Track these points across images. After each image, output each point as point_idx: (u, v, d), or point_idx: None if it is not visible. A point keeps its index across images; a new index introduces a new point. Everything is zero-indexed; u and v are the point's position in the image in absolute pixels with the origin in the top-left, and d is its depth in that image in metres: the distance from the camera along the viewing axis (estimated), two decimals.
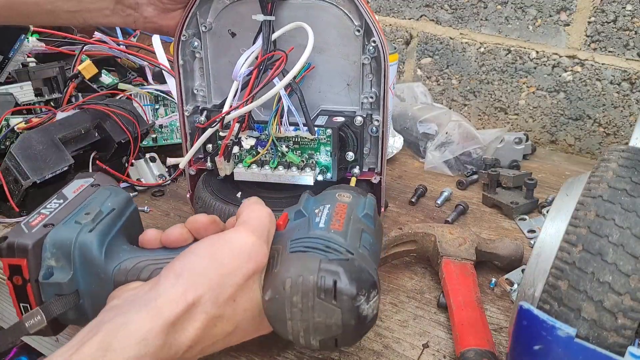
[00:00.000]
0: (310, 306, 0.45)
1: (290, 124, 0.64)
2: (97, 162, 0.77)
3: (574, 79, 1.02)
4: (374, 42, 0.64)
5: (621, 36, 0.96)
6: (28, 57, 0.89)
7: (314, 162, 0.67)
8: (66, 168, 0.73)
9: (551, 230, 0.44)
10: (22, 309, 0.48)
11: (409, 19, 1.16)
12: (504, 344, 0.57)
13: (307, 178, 0.65)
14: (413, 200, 0.84)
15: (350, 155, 0.68)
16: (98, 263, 0.47)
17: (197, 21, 0.66)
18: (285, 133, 0.64)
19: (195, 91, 0.71)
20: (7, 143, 0.72)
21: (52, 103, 0.83)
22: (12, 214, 0.72)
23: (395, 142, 0.98)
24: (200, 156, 0.72)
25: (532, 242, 0.74)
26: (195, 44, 0.68)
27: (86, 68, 0.85)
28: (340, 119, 0.66)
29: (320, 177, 0.67)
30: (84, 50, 0.91)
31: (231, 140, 0.64)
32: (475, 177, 0.91)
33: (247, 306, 0.45)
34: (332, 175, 0.67)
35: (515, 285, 0.64)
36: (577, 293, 0.38)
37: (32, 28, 0.85)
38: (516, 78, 1.07)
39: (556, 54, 1.02)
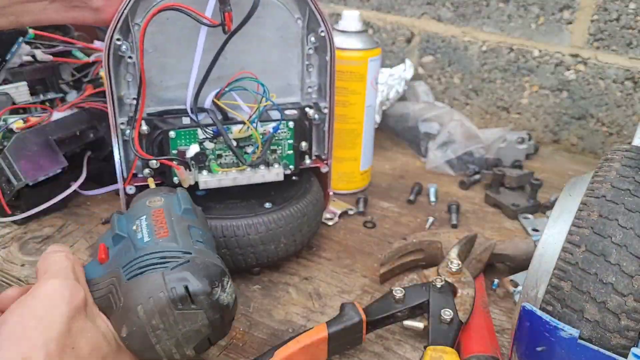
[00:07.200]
0: (173, 321, 0.43)
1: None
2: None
3: (577, 78, 1.01)
4: (322, 32, 0.63)
5: (624, 35, 0.95)
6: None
7: (277, 156, 0.66)
8: (59, 171, 0.72)
9: (554, 231, 0.43)
10: None
11: (411, 17, 1.15)
12: (506, 345, 0.56)
13: (278, 173, 0.64)
14: (411, 198, 0.84)
15: (304, 145, 0.67)
16: None
17: (129, 23, 0.58)
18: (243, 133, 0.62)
19: (125, 100, 0.62)
20: (5, 143, 0.71)
21: (47, 103, 0.82)
22: (6, 213, 0.71)
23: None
24: (137, 173, 0.64)
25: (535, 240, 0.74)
26: (123, 48, 0.59)
27: None
28: (294, 112, 0.66)
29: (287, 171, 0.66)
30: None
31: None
32: (477, 176, 0.90)
33: (90, 348, 0.42)
34: (294, 168, 0.67)
35: (519, 287, 0.64)
36: (580, 294, 0.38)
37: (30, 31, 0.84)
38: (519, 77, 1.07)
39: (559, 52, 1.01)
